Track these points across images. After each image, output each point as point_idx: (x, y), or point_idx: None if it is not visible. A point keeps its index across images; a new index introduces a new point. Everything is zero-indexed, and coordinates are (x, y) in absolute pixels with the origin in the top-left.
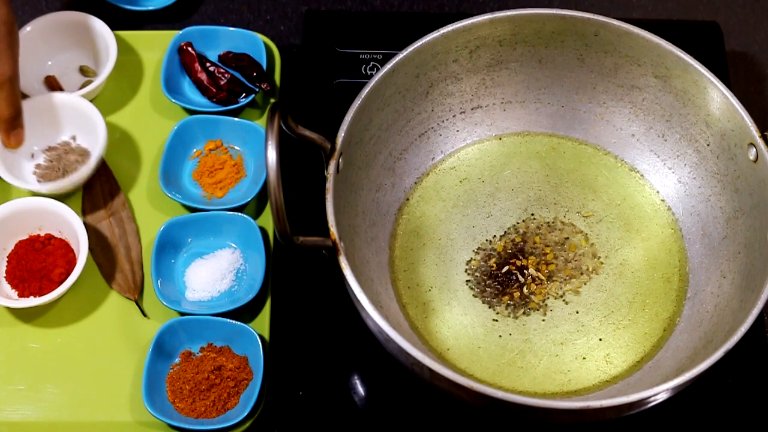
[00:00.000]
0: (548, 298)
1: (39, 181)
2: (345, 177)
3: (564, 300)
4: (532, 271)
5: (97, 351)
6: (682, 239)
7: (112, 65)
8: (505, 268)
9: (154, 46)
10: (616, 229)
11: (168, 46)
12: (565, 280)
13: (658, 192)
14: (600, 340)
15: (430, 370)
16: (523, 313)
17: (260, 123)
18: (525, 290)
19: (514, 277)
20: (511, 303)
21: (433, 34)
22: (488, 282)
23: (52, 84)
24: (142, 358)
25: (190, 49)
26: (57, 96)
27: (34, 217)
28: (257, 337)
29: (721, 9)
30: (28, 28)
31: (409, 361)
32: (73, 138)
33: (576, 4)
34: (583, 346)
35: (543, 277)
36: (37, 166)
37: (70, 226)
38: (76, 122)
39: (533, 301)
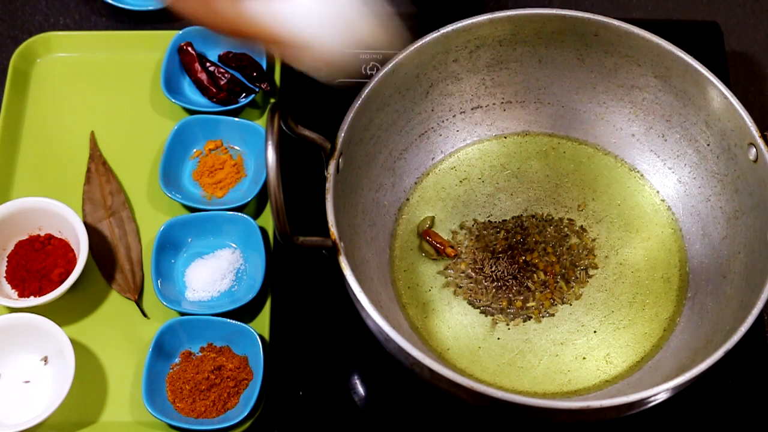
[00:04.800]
0: (548, 297)
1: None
2: (345, 177)
3: (564, 300)
4: (532, 270)
5: (97, 351)
6: (682, 239)
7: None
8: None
9: (154, 46)
10: (616, 229)
11: (168, 46)
12: (565, 279)
13: (658, 192)
14: (600, 339)
15: (430, 370)
16: (523, 313)
17: (260, 123)
18: (525, 289)
19: (513, 277)
20: (511, 303)
21: (433, 34)
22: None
23: None
24: (142, 358)
25: (190, 49)
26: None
27: (34, 217)
28: (257, 337)
29: (721, 9)
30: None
31: (409, 361)
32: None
33: (576, 4)
34: (583, 346)
35: (543, 277)
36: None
37: (70, 226)
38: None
39: (533, 301)
